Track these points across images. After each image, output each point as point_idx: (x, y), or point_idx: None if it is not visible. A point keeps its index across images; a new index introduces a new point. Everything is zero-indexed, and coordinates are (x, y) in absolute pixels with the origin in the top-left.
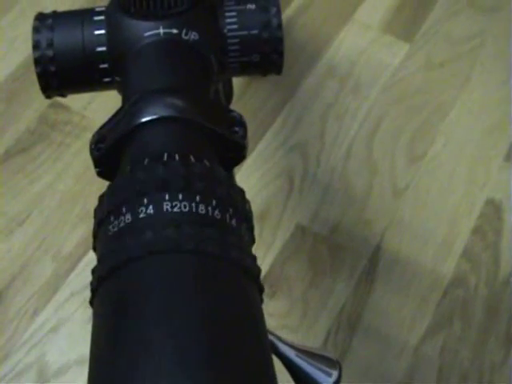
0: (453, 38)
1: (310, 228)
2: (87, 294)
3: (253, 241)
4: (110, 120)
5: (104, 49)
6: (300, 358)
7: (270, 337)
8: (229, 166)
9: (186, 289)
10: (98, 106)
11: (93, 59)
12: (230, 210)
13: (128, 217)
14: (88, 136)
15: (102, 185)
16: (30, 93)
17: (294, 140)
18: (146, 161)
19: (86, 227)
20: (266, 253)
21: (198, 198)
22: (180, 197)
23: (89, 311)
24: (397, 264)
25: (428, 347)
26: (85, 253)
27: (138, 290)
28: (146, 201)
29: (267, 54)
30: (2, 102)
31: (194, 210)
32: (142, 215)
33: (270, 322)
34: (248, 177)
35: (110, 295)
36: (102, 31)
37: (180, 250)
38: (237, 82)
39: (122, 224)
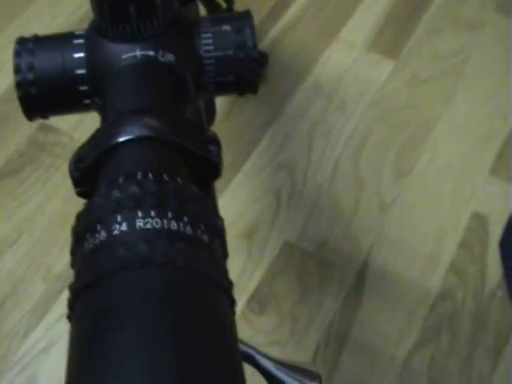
0: (437, 54)
1: (297, 245)
2: None
3: (225, 255)
4: (89, 141)
5: (83, 71)
6: (280, 370)
7: (250, 350)
8: (204, 183)
9: (156, 301)
10: (87, 127)
11: (73, 82)
12: (202, 226)
13: (103, 234)
14: None
15: None
16: (20, 115)
17: (281, 157)
18: (121, 179)
19: None
20: (254, 270)
21: (169, 214)
22: (152, 213)
23: None
24: (384, 279)
25: (416, 361)
26: None
27: (112, 303)
28: (119, 218)
29: (243, 74)
30: None
31: (165, 226)
32: (115, 232)
33: (259, 338)
34: (236, 194)
35: (85, 309)
36: (82, 54)
37: (152, 264)
38: (224, 100)
39: (96, 241)
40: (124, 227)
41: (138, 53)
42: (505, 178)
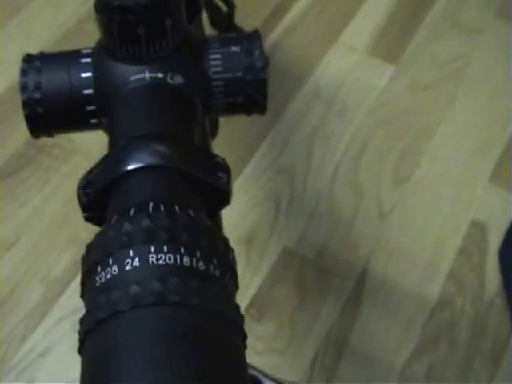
0: (438, 59)
1: (296, 251)
2: (76, 318)
3: (236, 287)
4: (98, 165)
5: (91, 91)
6: None
7: (256, 374)
8: (213, 211)
9: (170, 341)
10: None
11: (80, 101)
12: (214, 261)
13: (115, 268)
14: (76, 160)
15: None
16: (18, 116)
17: (281, 163)
18: (132, 211)
19: (75, 251)
20: (253, 276)
21: (182, 249)
22: (165, 249)
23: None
24: (383, 286)
25: (415, 369)
26: (73, 277)
27: (124, 343)
28: (132, 253)
29: (251, 96)
30: None
31: (178, 262)
32: (127, 267)
33: (258, 346)
34: (235, 200)
35: (97, 348)
36: (89, 74)
37: (165, 302)
38: None
39: (108, 275)
40: (136, 262)
41: (147, 75)
42: (504, 186)
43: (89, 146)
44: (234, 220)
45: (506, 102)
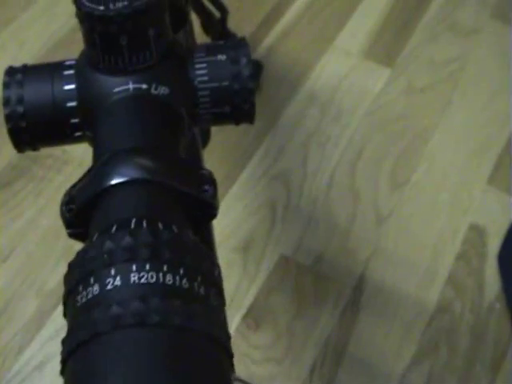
0: (434, 62)
1: (293, 258)
2: None
3: (223, 304)
4: (81, 180)
5: (74, 104)
6: None
7: None
8: (199, 224)
9: (151, 363)
10: None
11: (63, 114)
12: (199, 278)
13: (96, 288)
14: (69, 170)
15: None
16: None
17: (277, 169)
18: (114, 228)
19: None
20: (250, 284)
21: (165, 267)
22: (147, 267)
23: None
24: (381, 293)
25: (414, 375)
26: None
27: (104, 364)
28: (113, 272)
29: (239, 105)
30: None
31: (161, 280)
32: (109, 287)
33: (255, 355)
34: (231, 207)
35: (77, 371)
36: (72, 86)
37: (146, 323)
38: None
39: (89, 295)
40: (118, 281)
41: (131, 86)
42: (503, 188)
43: (82, 155)
44: (229, 228)
45: (503, 103)
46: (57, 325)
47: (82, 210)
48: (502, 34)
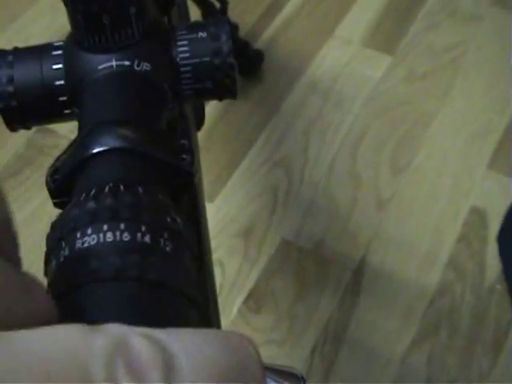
0: (434, 49)
1: (294, 243)
2: None
3: (194, 263)
4: (65, 152)
5: (62, 82)
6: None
7: None
8: (179, 193)
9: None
10: None
11: (52, 93)
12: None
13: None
14: None
15: None
16: None
17: (278, 156)
18: (93, 191)
19: None
20: (251, 268)
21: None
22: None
23: None
24: (382, 275)
25: (415, 357)
26: None
27: (85, 313)
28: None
29: (220, 80)
30: None
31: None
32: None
33: (256, 337)
34: (233, 194)
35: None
36: (60, 65)
37: (125, 277)
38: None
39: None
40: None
41: (114, 63)
42: (503, 171)
43: None
44: (231, 213)
45: (503, 89)
46: None
47: (65, 180)
48: (503, 21)
